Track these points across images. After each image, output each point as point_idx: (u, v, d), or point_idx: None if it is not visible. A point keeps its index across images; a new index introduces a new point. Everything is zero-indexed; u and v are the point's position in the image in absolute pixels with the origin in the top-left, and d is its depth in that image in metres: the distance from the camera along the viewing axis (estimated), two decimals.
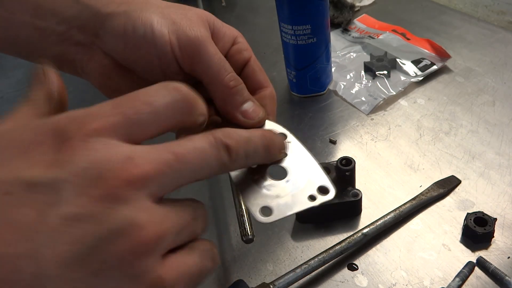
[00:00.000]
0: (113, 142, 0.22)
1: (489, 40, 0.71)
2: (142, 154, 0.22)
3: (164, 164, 0.22)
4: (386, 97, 0.62)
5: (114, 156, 0.21)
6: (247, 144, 0.26)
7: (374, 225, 0.45)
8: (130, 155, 0.22)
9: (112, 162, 0.21)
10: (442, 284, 0.41)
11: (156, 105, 0.23)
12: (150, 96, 0.24)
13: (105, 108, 0.23)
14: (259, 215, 0.29)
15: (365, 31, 0.76)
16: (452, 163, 0.52)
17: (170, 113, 0.24)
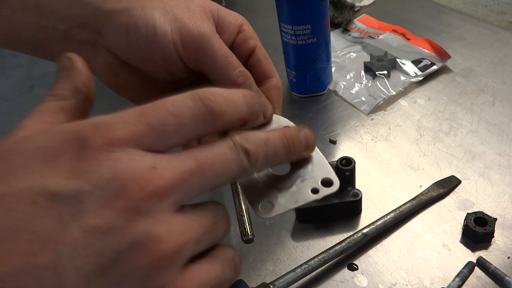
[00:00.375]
0: (137, 152, 0.22)
1: (489, 40, 0.71)
2: (166, 163, 0.22)
3: (188, 172, 0.22)
4: (386, 97, 0.62)
5: (138, 167, 0.21)
6: (266, 146, 0.26)
7: (374, 225, 0.45)
8: (154, 165, 0.22)
9: (135, 173, 0.21)
10: (442, 284, 0.41)
11: (182, 116, 0.23)
12: (176, 107, 0.23)
13: (131, 116, 0.23)
14: (260, 210, 0.29)
15: (365, 31, 0.76)
16: (452, 163, 0.52)
17: (195, 125, 0.24)
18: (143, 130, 0.22)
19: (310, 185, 0.30)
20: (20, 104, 0.76)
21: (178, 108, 0.23)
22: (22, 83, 0.81)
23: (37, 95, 0.78)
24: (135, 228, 0.21)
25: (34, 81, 0.82)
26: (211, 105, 0.24)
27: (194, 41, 0.32)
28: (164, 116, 0.23)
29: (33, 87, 0.80)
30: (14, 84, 0.82)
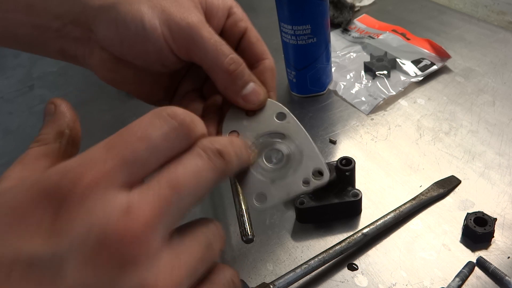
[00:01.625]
0: (110, 193, 0.20)
1: (489, 40, 0.71)
2: (139, 199, 0.20)
3: (164, 202, 0.21)
4: (386, 97, 0.62)
5: (112, 213, 0.20)
6: (232, 144, 0.25)
7: (374, 225, 0.45)
8: (128, 205, 0.20)
9: (111, 221, 0.19)
10: (442, 284, 0.41)
11: (152, 138, 0.22)
12: (144, 130, 0.22)
13: (98, 153, 0.21)
14: (255, 202, 0.29)
15: (365, 31, 0.76)
16: (452, 163, 0.52)
17: (168, 144, 0.22)
18: (114, 164, 0.21)
19: (301, 176, 0.30)
20: (20, 104, 0.76)
21: (146, 131, 0.22)
22: (22, 83, 0.81)
23: (37, 95, 0.78)
24: (123, 281, 0.19)
25: (34, 81, 0.82)
26: (181, 118, 0.23)
27: (183, 32, 0.32)
28: (133, 143, 0.21)
29: (33, 87, 0.80)
30: (14, 84, 0.82)
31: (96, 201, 0.20)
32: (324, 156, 0.56)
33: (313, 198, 0.47)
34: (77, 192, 0.20)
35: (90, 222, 0.19)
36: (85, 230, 0.19)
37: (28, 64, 0.87)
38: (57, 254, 0.19)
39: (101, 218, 0.19)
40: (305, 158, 0.31)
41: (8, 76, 0.84)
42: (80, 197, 0.20)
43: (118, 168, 0.21)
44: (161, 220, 0.21)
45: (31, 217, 0.20)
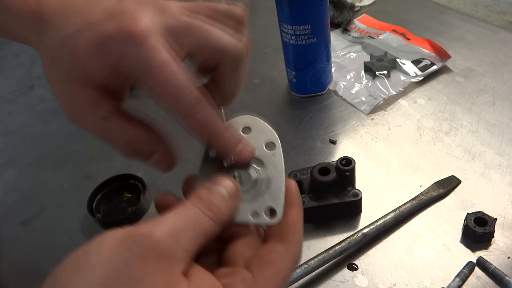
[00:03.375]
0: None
1: (489, 40, 0.71)
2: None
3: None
4: (386, 97, 0.62)
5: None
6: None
7: (374, 225, 0.45)
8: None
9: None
10: (442, 284, 0.41)
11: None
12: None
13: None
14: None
15: (365, 31, 0.76)
16: (452, 163, 0.52)
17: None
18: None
19: (254, 207, 0.29)
20: (20, 104, 0.76)
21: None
22: (22, 83, 0.81)
23: (37, 95, 0.78)
24: None
25: (34, 81, 0.82)
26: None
27: (132, 64, 0.27)
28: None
29: (33, 87, 0.80)
30: (14, 84, 0.82)
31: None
32: (324, 156, 0.56)
33: (313, 198, 0.47)
34: None
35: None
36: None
37: (28, 64, 0.87)
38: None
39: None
40: (268, 193, 0.30)
41: (8, 76, 0.84)
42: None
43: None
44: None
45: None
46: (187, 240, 0.24)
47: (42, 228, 0.54)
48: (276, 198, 0.30)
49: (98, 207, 0.53)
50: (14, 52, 0.91)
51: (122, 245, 0.22)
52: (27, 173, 0.62)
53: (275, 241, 0.28)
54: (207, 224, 0.25)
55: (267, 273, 0.25)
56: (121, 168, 0.57)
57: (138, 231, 0.23)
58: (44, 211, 0.56)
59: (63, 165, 0.62)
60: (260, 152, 0.32)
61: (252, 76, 0.72)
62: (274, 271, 0.26)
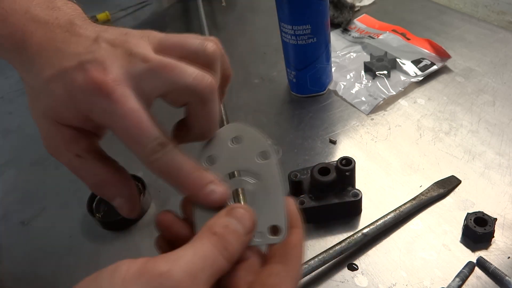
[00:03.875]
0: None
1: (489, 40, 0.71)
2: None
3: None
4: (386, 97, 0.62)
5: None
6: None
7: (374, 225, 0.45)
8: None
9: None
10: (442, 284, 0.41)
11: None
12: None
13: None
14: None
15: (365, 31, 0.76)
16: (452, 163, 0.52)
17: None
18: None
19: (257, 227, 0.28)
20: (20, 104, 0.76)
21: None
22: (22, 83, 0.81)
23: None
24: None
25: None
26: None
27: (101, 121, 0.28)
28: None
29: None
30: (14, 84, 0.82)
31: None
32: (324, 156, 0.56)
33: (313, 198, 0.47)
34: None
35: None
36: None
37: None
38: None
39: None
40: (268, 209, 0.29)
41: (8, 76, 0.84)
42: None
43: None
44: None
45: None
46: (204, 280, 0.24)
47: (42, 228, 0.54)
48: (278, 214, 0.29)
49: (98, 207, 0.53)
50: None
51: (138, 279, 0.22)
52: (27, 173, 0.62)
53: (276, 263, 0.28)
54: (222, 264, 0.25)
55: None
56: None
57: (155, 267, 0.22)
58: (44, 211, 0.56)
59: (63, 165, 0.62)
60: (253, 164, 0.30)
61: (252, 76, 0.72)
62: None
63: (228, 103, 0.58)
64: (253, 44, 0.80)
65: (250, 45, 0.80)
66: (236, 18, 0.89)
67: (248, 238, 0.27)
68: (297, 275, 0.28)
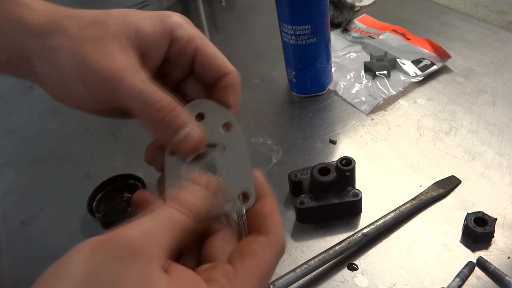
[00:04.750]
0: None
1: (489, 40, 0.71)
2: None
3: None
4: (386, 97, 0.62)
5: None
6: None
7: (374, 225, 0.45)
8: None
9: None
10: (442, 284, 0.41)
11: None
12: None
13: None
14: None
15: (365, 31, 0.76)
16: (452, 163, 0.52)
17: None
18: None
19: (227, 195, 0.29)
20: (20, 104, 0.76)
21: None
22: (22, 83, 0.81)
23: (37, 95, 0.78)
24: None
25: None
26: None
27: (104, 83, 0.30)
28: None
29: (33, 87, 0.80)
30: (14, 84, 0.81)
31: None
32: (324, 156, 0.56)
33: (313, 198, 0.47)
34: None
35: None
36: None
37: None
38: None
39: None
40: (236, 177, 0.29)
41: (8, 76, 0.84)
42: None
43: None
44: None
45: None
46: (163, 237, 0.24)
47: (42, 228, 0.54)
48: (246, 180, 0.29)
49: (98, 207, 0.53)
50: None
51: (98, 249, 0.22)
52: (27, 173, 0.62)
53: (255, 234, 0.28)
54: (183, 221, 0.25)
55: (249, 264, 0.25)
56: (121, 168, 0.57)
57: (113, 234, 0.23)
58: (44, 211, 0.56)
59: (63, 165, 0.62)
60: (219, 136, 0.31)
61: (252, 76, 0.72)
62: (256, 261, 0.26)
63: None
64: (253, 44, 0.80)
65: (250, 45, 0.80)
66: (236, 18, 0.89)
67: (205, 194, 0.27)
68: (279, 242, 0.27)
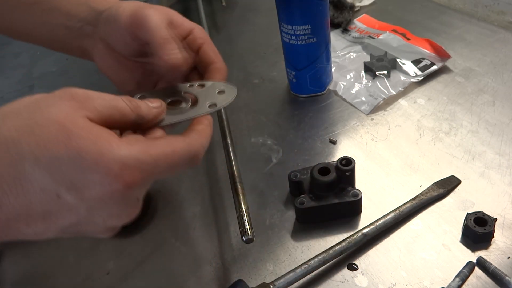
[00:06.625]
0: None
1: (489, 40, 0.71)
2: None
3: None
4: (386, 97, 0.62)
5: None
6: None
7: (374, 225, 0.45)
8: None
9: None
10: (442, 284, 0.41)
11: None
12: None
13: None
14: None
15: (365, 31, 0.76)
16: (452, 163, 0.52)
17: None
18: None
19: (206, 101, 0.40)
20: None
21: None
22: (22, 83, 0.81)
23: None
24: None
25: (34, 81, 0.82)
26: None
27: (138, 19, 0.41)
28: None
29: (33, 87, 0.80)
30: (14, 84, 0.82)
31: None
32: (324, 156, 0.56)
33: (313, 198, 0.47)
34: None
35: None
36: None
37: (28, 64, 0.87)
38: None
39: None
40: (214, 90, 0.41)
41: (8, 76, 0.84)
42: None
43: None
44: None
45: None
46: (101, 103, 0.30)
47: None
48: (221, 84, 0.42)
49: None
50: (14, 52, 0.91)
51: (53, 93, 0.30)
52: None
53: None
54: (123, 106, 0.32)
55: (160, 142, 0.32)
56: None
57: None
58: None
59: None
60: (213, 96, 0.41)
61: (252, 76, 0.72)
62: (166, 143, 0.32)
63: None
64: (253, 44, 0.80)
65: (250, 45, 0.80)
66: (236, 18, 0.89)
67: (150, 105, 0.35)
68: (195, 148, 0.34)
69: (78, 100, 0.29)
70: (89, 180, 0.28)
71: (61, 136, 0.27)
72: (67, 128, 0.27)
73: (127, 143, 0.29)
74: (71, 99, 0.29)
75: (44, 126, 0.27)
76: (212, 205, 0.52)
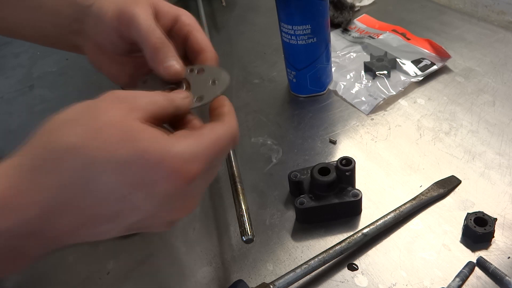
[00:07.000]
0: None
1: (489, 40, 0.71)
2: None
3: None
4: (386, 97, 0.62)
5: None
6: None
7: (374, 225, 0.45)
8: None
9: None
10: (442, 284, 0.41)
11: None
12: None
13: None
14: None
15: (365, 31, 0.76)
16: (452, 163, 0.52)
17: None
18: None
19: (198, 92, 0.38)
20: (20, 104, 0.76)
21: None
22: (22, 83, 0.81)
23: (37, 95, 0.78)
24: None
25: (34, 81, 0.82)
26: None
27: (126, 18, 0.40)
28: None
29: (33, 87, 0.80)
30: (14, 84, 0.82)
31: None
32: (324, 156, 0.56)
33: (313, 198, 0.47)
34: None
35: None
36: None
37: (28, 64, 0.87)
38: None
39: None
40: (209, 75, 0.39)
41: (8, 76, 0.84)
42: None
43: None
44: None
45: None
46: (145, 101, 0.31)
47: None
48: (214, 71, 0.39)
49: None
50: (14, 52, 0.91)
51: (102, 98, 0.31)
52: None
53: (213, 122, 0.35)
54: (161, 100, 0.33)
55: (205, 131, 0.32)
56: None
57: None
58: None
59: None
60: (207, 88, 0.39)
61: (252, 76, 0.72)
62: (210, 131, 0.32)
63: None
64: (253, 44, 0.80)
65: (250, 45, 0.80)
66: (236, 18, 0.89)
67: (182, 96, 0.36)
68: (233, 131, 0.34)
69: (127, 102, 0.30)
70: (155, 179, 0.29)
71: (124, 140, 0.28)
72: (127, 132, 0.29)
73: (181, 138, 0.31)
74: (121, 102, 0.30)
75: (106, 131, 0.28)
76: (212, 205, 0.52)
